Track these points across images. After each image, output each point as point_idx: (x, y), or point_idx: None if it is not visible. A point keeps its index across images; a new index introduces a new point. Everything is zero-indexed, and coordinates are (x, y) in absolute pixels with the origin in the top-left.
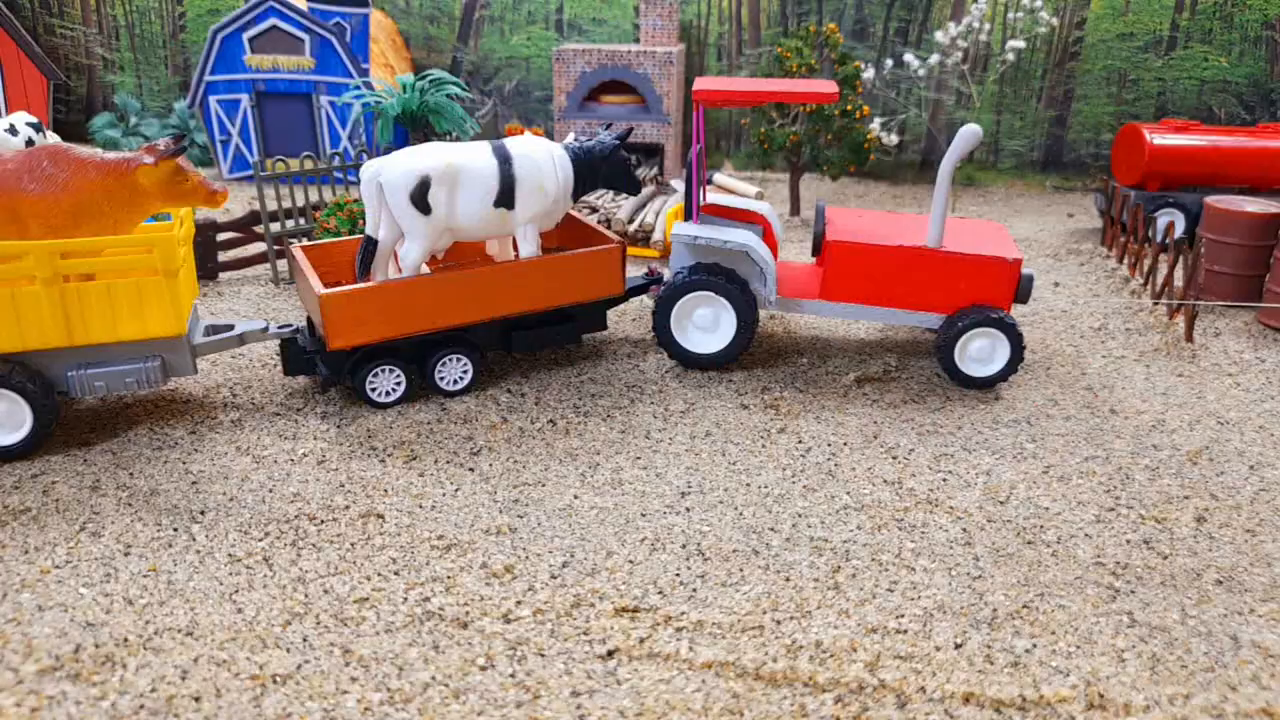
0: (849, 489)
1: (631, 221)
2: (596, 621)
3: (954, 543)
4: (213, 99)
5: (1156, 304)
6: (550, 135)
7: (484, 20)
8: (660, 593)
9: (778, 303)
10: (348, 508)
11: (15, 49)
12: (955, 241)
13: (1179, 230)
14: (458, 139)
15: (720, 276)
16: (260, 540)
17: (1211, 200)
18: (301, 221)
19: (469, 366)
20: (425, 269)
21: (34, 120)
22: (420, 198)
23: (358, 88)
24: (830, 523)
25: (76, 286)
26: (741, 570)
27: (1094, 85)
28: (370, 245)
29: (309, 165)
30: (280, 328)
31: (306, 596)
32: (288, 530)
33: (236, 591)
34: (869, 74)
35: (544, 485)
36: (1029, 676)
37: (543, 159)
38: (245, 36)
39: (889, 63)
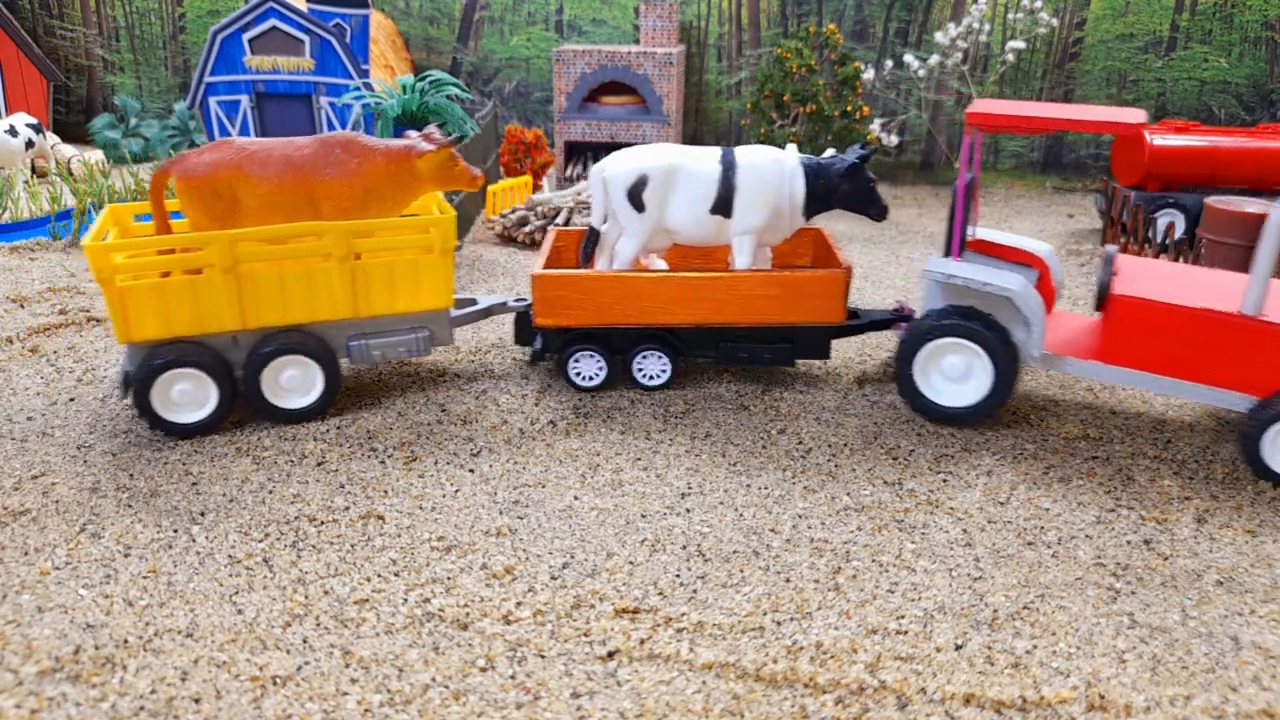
0: (849, 490)
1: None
2: (597, 623)
3: (954, 544)
4: (213, 100)
5: None
6: (550, 137)
7: (484, 21)
8: (661, 594)
9: (1043, 359)
10: (348, 509)
11: (15, 50)
12: None
13: (1179, 231)
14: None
15: (978, 322)
16: (260, 541)
17: (1211, 201)
18: None
19: (668, 365)
20: (663, 265)
21: (34, 121)
22: (636, 195)
23: (358, 89)
24: (830, 524)
25: (363, 263)
26: (742, 571)
27: (1094, 86)
28: (594, 236)
29: None
30: (516, 301)
31: (306, 598)
32: (288, 531)
33: (236, 593)
34: (869, 75)
35: (544, 486)
36: (1029, 678)
37: (770, 171)
38: (245, 38)
39: (889, 64)
